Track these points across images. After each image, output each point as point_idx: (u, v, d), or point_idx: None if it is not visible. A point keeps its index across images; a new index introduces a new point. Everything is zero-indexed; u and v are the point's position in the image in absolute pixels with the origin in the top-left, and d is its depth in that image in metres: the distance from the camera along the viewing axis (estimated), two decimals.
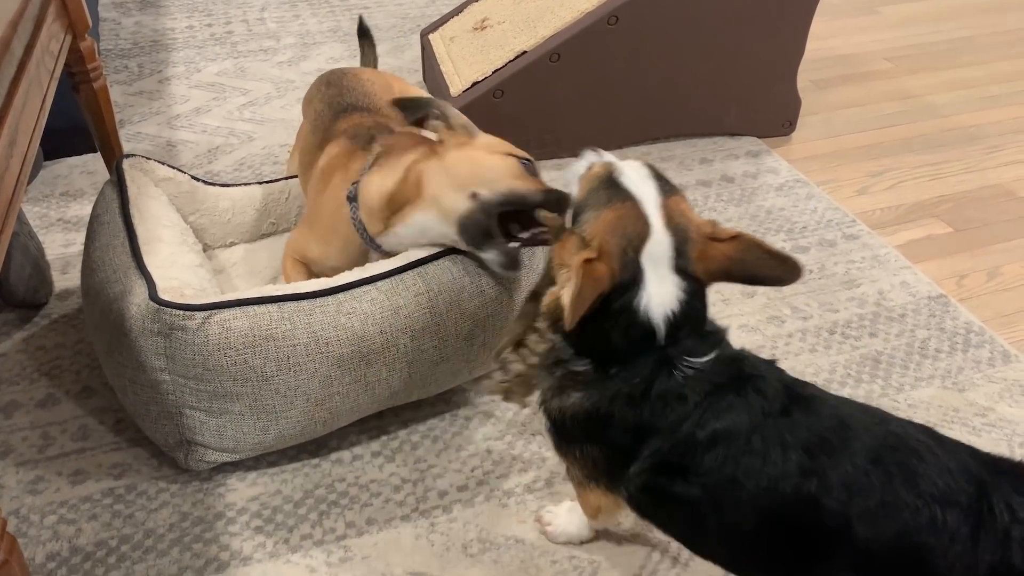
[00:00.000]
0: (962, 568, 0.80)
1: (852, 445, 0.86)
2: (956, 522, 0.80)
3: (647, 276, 0.90)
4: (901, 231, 1.91)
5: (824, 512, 0.85)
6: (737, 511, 0.89)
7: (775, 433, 0.88)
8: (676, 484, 0.92)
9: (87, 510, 1.26)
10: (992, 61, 2.63)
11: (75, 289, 1.65)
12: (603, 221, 0.92)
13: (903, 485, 0.83)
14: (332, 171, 1.45)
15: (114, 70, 2.43)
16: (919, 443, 0.86)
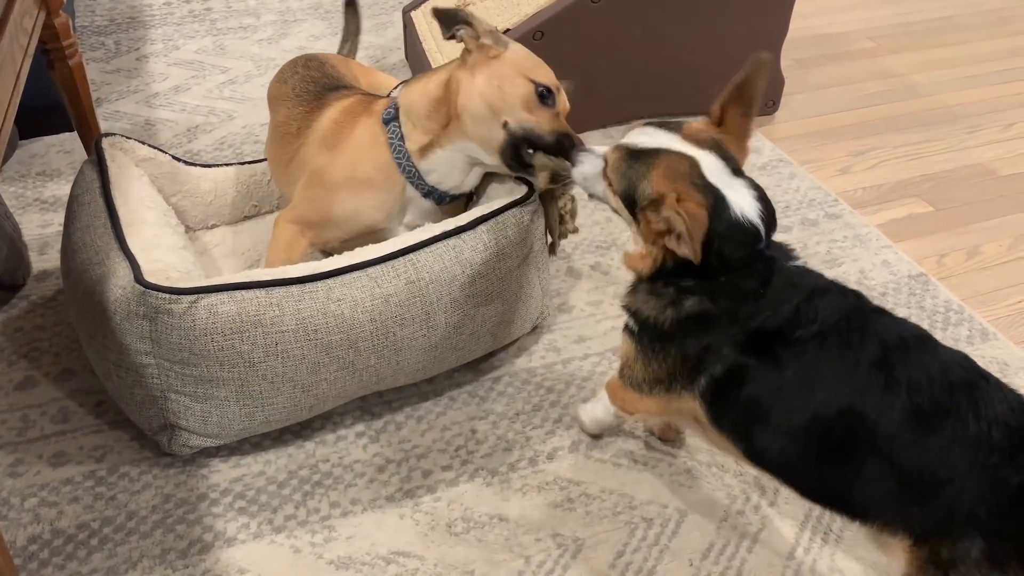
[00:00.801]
0: (996, 480, 0.85)
1: (927, 353, 0.93)
2: (1001, 439, 0.85)
3: (722, 190, 0.98)
4: (883, 210, 1.92)
5: (879, 407, 0.90)
6: (810, 392, 0.94)
7: (862, 323, 0.96)
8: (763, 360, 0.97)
9: (68, 492, 1.26)
10: (974, 41, 2.64)
11: (54, 270, 1.63)
12: (657, 178, 1.00)
13: (963, 397, 0.88)
14: (353, 116, 1.42)
15: (90, 47, 2.39)
16: (988, 373, 0.92)
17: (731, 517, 1.25)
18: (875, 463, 0.90)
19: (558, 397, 1.43)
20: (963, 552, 0.86)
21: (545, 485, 1.29)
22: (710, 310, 1.01)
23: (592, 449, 1.34)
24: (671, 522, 1.24)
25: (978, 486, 0.85)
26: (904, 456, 0.89)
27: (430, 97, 1.35)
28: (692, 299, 1.02)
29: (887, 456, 0.89)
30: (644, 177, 1.01)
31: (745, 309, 1.00)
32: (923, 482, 0.88)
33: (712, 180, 0.98)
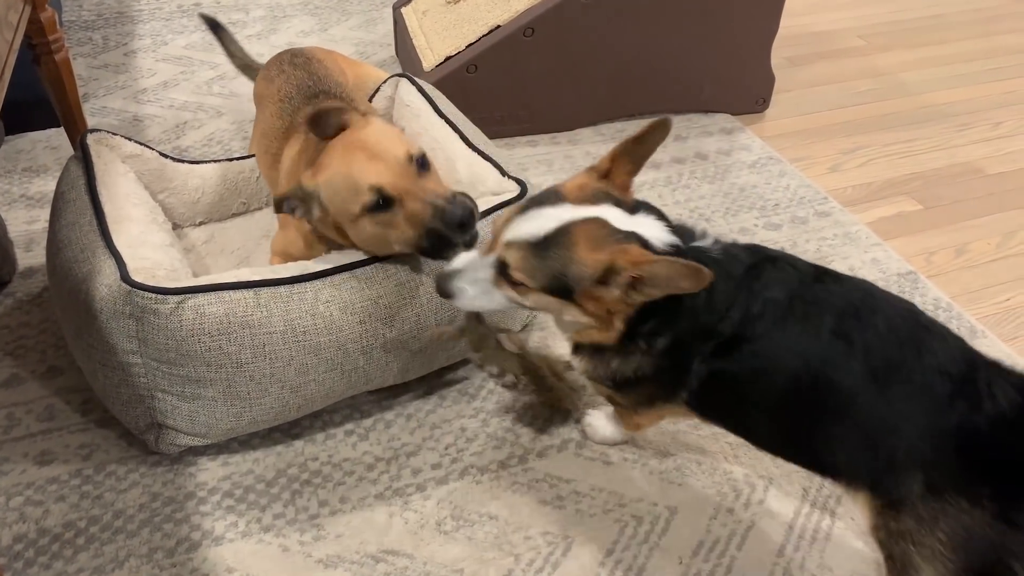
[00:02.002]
0: (935, 420, 0.92)
1: (877, 313, 0.98)
2: (941, 387, 0.93)
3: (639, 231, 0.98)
4: (872, 208, 1.92)
5: (842, 371, 0.96)
6: (781, 372, 0.99)
7: (812, 297, 0.99)
8: (733, 360, 1.01)
9: (54, 491, 1.25)
10: (963, 39, 2.65)
11: (40, 267, 1.62)
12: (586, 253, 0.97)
13: (910, 352, 0.95)
14: (296, 166, 1.38)
15: (77, 42, 2.37)
16: (932, 323, 0.99)
17: (721, 514, 1.25)
18: (839, 423, 0.97)
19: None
20: (907, 490, 0.94)
21: (535, 483, 1.28)
22: (676, 338, 1.03)
23: (582, 447, 1.34)
24: (661, 519, 1.24)
25: (920, 431, 0.93)
26: (863, 414, 0.96)
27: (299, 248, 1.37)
28: (661, 338, 1.03)
29: (849, 415, 0.96)
30: (570, 261, 0.97)
31: (704, 321, 1.01)
32: (876, 434, 0.95)
33: (625, 227, 0.98)
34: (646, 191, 1.91)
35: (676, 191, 1.93)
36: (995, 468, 0.91)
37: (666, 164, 2.01)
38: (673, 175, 1.98)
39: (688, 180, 1.97)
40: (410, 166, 1.19)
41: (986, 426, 0.91)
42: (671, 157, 2.04)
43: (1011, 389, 0.92)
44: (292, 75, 1.54)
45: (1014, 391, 0.92)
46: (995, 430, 0.91)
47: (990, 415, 0.91)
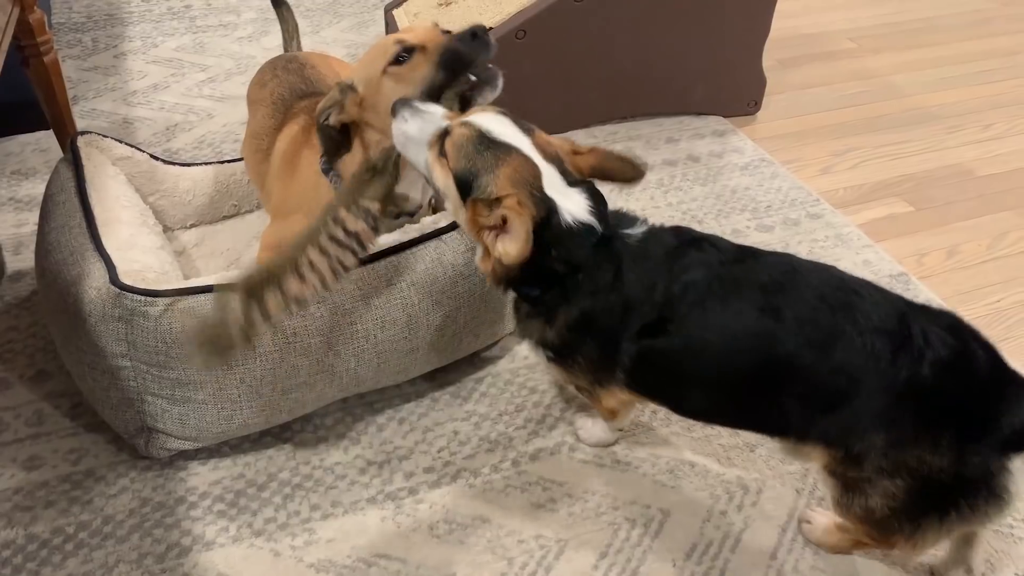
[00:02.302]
0: (887, 382, 0.97)
1: (801, 286, 1.03)
2: (883, 346, 0.98)
3: (557, 200, 1.04)
4: (864, 210, 1.93)
5: (776, 343, 1.00)
6: (708, 351, 1.04)
7: (733, 277, 1.04)
8: (659, 342, 1.06)
9: (43, 497, 1.24)
10: (952, 42, 2.66)
11: (28, 271, 1.61)
12: (503, 177, 1.03)
13: (844, 318, 0.99)
14: (297, 150, 1.41)
15: (67, 44, 2.36)
16: (857, 283, 1.04)
17: (714, 517, 1.25)
18: (785, 393, 1.02)
19: (541, 398, 1.42)
20: (869, 444, 0.99)
21: (528, 486, 1.28)
22: (583, 313, 1.08)
23: (575, 450, 1.34)
24: (654, 522, 1.24)
25: (873, 390, 0.98)
26: (809, 382, 1.01)
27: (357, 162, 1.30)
28: (562, 309, 1.09)
29: (794, 385, 1.01)
30: (490, 170, 1.04)
31: (615, 300, 1.06)
32: (829, 398, 1.00)
33: (549, 192, 1.04)
34: (638, 193, 1.91)
35: (668, 193, 1.93)
36: (949, 413, 0.97)
37: (658, 166, 2.01)
38: (665, 177, 1.98)
39: (680, 182, 1.97)
40: (435, 28, 1.26)
41: (931, 375, 0.96)
42: (663, 159, 2.04)
43: (943, 332, 0.99)
44: (285, 79, 1.55)
45: (945, 333, 0.99)
46: (939, 376, 0.97)
47: (932, 363, 0.97)
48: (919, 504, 1.00)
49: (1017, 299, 1.69)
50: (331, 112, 1.27)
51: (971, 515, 0.98)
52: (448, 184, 1.07)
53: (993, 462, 0.96)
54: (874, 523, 1.05)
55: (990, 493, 0.97)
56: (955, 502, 0.98)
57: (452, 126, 1.07)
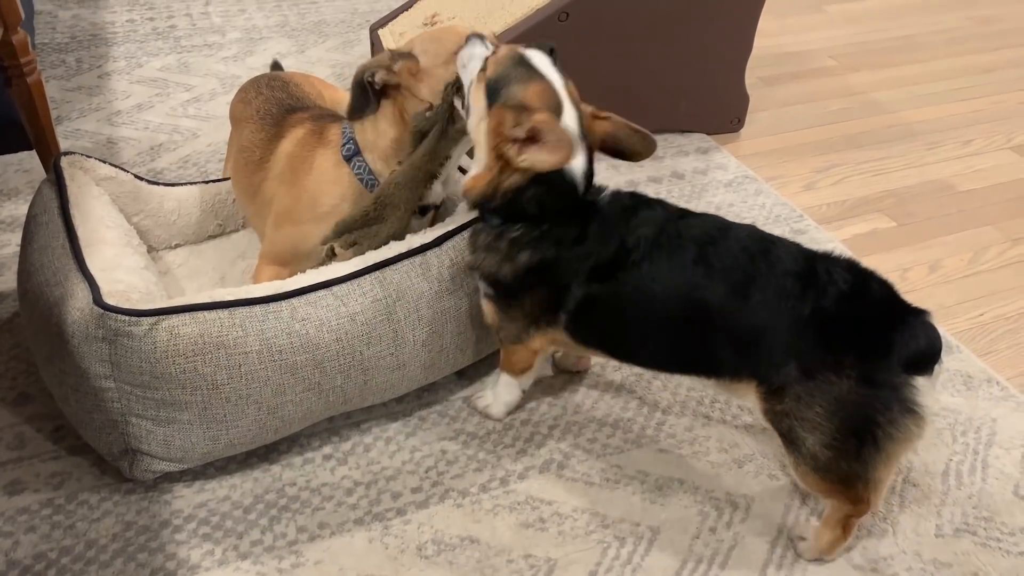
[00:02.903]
0: (795, 315, 1.08)
1: (729, 239, 1.15)
2: (791, 285, 1.09)
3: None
4: (847, 225, 1.95)
5: (709, 291, 1.12)
6: (649, 299, 1.15)
7: (676, 231, 1.15)
8: (605, 289, 1.16)
9: (24, 522, 1.22)
10: (931, 59, 2.70)
11: (10, 292, 1.59)
12: (532, 91, 1.13)
13: (762, 262, 1.11)
14: (309, 150, 1.41)
15: (50, 64, 2.35)
16: (775, 237, 1.16)
17: (703, 534, 1.25)
18: (716, 334, 1.13)
19: (529, 416, 1.42)
20: (786, 375, 1.09)
21: (517, 505, 1.27)
22: (543, 259, 1.17)
23: (564, 468, 1.33)
24: (644, 540, 1.23)
25: (785, 326, 1.09)
26: (734, 322, 1.12)
27: (389, 137, 1.35)
28: (524, 252, 1.17)
29: (723, 326, 1.12)
30: (522, 82, 1.13)
31: (576, 252, 1.16)
32: (750, 336, 1.11)
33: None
34: None
35: None
36: (849, 338, 1.07)
37: (643, 183, 2.02)
38: (650, 193, 1.98)
39: (665, 199, 1.98)
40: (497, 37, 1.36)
41: (833, 306, 1.08)
42: (647, 176, 2.05)
43: (843, 271, 1.10)
44: (271, 95, 1.56)
45: (846, 272, 1.10)
46: (840, 307, 1.08)
47: (834, 296, 1.08)
48: (847, 432, 1.07)
49: (999, 313, 1.71)
50: (378, 71, 1.31)
51: (896, 432, 1.06)
52: (479, 94, 1.16)
53: (896, 377, 1.05)
54: (827, 471, 1.10)
55: (903, 407, 1.05)
56: (876, 420, 1.05)
57: (498, 46, 1.19)
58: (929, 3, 3.09)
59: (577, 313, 1.20)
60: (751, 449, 1.38)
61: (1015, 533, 1.27)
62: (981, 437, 1.42)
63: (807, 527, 1.23)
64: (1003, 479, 1.35)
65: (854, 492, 1.12)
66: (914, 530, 1.27)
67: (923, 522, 1.28)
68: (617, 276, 1.15)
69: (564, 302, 1.19)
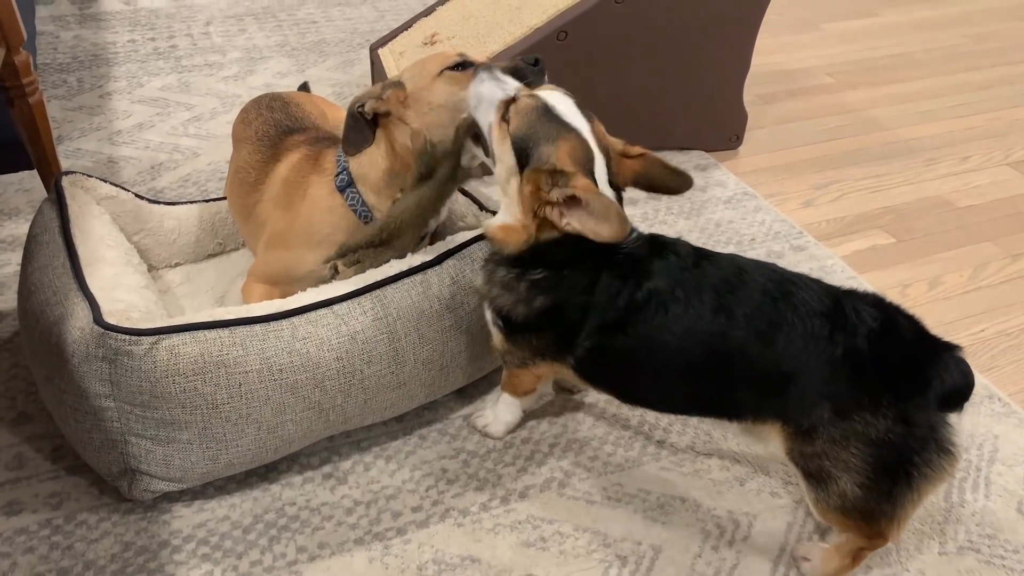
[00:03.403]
0: (826, 357, 1.05)
1: (748, 283, 1.11)
2: (819, 327, 1.06)
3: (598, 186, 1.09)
4: (846, 242, 1.95)
5: (729, 338, 1.08)
6: (667, 351, 1.11)
7: (692, 283, 1.11)
8: (617, 340, 1.13)
9: (23, 543, 1.21)
10: (927, 77, 2.72)
11: (10, 311, 1.59)
12: (564, 152, 1.09)
13: (785, 306, 1.08)
14: (303, 176, 1.42)
15: (52, 85, 2.36)
16: (794, 275, 1.13)
17: (706, 552, 1.24)
18: (740, 381, 1.10)
19: (529, 434, 1.41)
20: (818, 417, 1.06)
21: (518, 524, 1.27)
22: (556, 305, 1.14)
23: (565, 487, 1.33)
24: (645, 559, 1.23)
25: (815, 367, 1.06)
26: (759, 368, 1.08)
27: (381, 168, 1.36)
28: (540, 297, 1.15)
29: (746, 373, 1.09)
30: (551, 141, 1.09)
31: (586, 301, 1.13)
32: (778, 380, 1.08)
33: (596, 177, 1.10)
34: None
35: (653, 227, 1.94)
36: (885, 377, 1.04)
37: (642, 200, 2.03)
38: (649, 211, 1.99)
39: (664, 216, 1.99)
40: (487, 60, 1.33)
41: (865, 345, 1.05)
42: (647, 194, 2.05)
43: (871, 308, 1.08)
44: (270, 117, 1.57)
45: (873, 309, 1.08)
46: (873, 346, 1.05)
47: (865, 335, 1.05)
48: (882, 472, 1.04)
49: (1000, 328, 1.71)
50: (368, 101, 1.32)
51: (931, 472, 1.04)
52: (506, 152, 1.12)
53: (932, 416, 1.03)
54: (855, 510, 1.08)
55: (939, 446, 1.03)
56: (912, 460, 1.03)
57: (519, 95, 1.14)
58: (925, 21, 3.12)
59: (586, 359, 1.17)
60: (753, 467, 1.37)
61: (1019, 550, 1.26)
62: (983, 454, 1.41)
63: (811, 548, 1.22)
64: (1006, 496, 1.34)
65: (875, 528, 1.09)
66: (917, 548, 1.26)
67: (926, 540, 1.27)
68: (627, 330, 1.12)
69: (573, 347, 1.17)
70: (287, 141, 1.49)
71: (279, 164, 1.46)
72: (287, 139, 1.50)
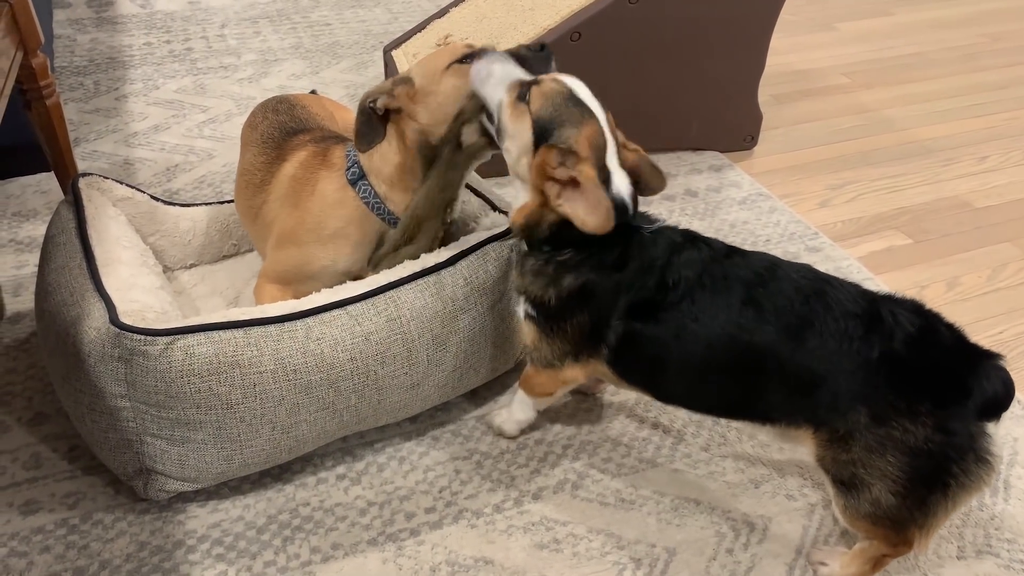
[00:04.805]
0: (861, 359, 1.03)
1: (780, 279, 1.10)
2: (854, 327, 1.04)
3: (612, 173, 1.14)
4: (862, 243, 1.93)
5: (757, 332, 1.07)
6: (694, 340, 1.11)
7: (720, 272, 1.12)
8: (647, 328, 1.13)
9: (39, 542, 1.22)
10: (943, 76, 2.70)
11: (28, 312, 1.60)
12: (584, 137, 1.12)
13: (818, 304, 1.06)
14: (311, 172, 1.42)
15: (69, 87, 2.38)
16: (829, 277, 1.11)
17: (720, 556, 1.23)
18: (768, 379, 1.08)
19: (543, 435, 1.41)
20: (854, 422, 1.04)
21: (531, 526, 1.26)
22: (586, 284, 1.15)
23: (578, 488, 1.32)
24: (660, 562, 1.22)
25: (850, 369, 1.04)
26: (789, 367, 1.07)
27: (393, 163, 1.36)
28: (568, 276, 1.16)
29: (776, 371, 1.07)
30: (576, 124, 1.12)
31: (615, 280, 1.14)
32: (809, 381, 1.06)
33: (610, 164, 1.14)
34: None
35: None
36: (924, 383, 1.02)
37: (656, 201, 2.02)
38: (664, 212, 1.99)
39: (679, 217, 1.98)
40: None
41: (903, 350, 1.03)
42: (661, 194, 2.04)
43: (908, 313, 1.06)
44: (274, 120, 1.57)
45: (911, 313, 1.06)
46: (911, 351, 1.03)
47: (903, 340, 1.03)
48: (919, 481, 1.03)
49: (1019, 330, 1.69)
50: (380, 97, 1.32)
51: (968, 482, 1.02)
52: (523, 127, 1.14)
53: (971, 425, 1.01)
54: (886, 518, 1.06)
55: (977, 456, 1.01)
56: (949, 470, 1.01)
57: (542, 79, 1.17)
58: (940, 20, 3.09)
59: (619, 348, 1.17)
60: (768, 469, 1.36)
61: None
62: (1003, 458, 1.39)
63: (829, 552, 1.21)
64: None
65: (904, 536, 1.08)
66: (935, 552, 1.25)
67: (944, 544, 1.26)
68: (657, 315, 1.12)
69: (605, 334, 1.17)
70: (292, 141, 1.49)
71: (285, 163, 1.46)
72: (292, 139, 1.50)
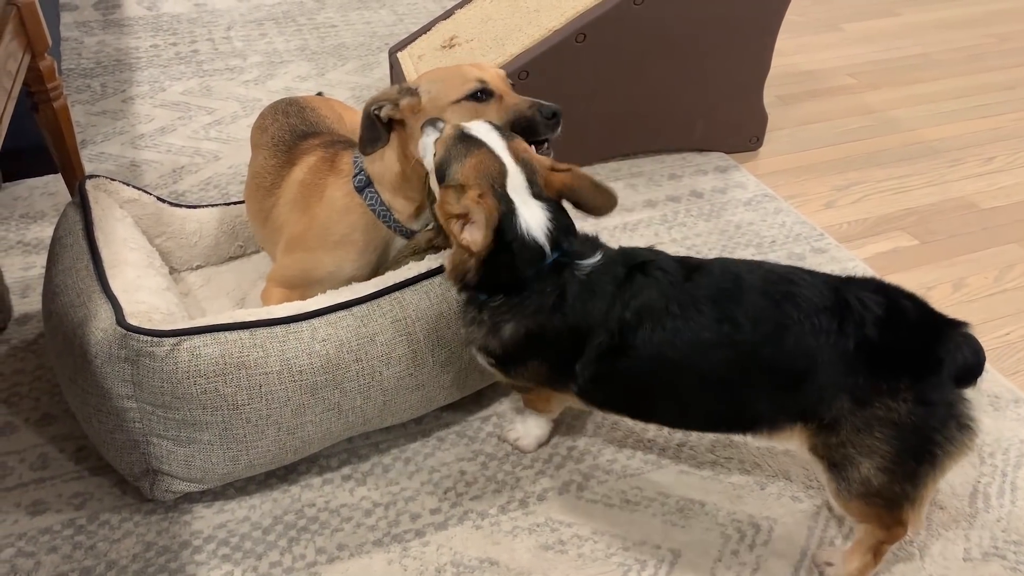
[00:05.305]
0: (838, 352, 1.05)
1: (746, 289, 1.10)
2: (827, 321, 1.06)
3: (516, 204, 1.11)
4: (868, 244, 1.93)
5: (738, 346, 1.08)
6: (674, 367, 1.10)
7: (686, 296, 1.10)
8: (619, 364, 1.12)
9: (46, 542, 1.22)
10: (949, 77, 2.69)
11: (35, 313, 1.61)
12: (468, 167, 1.12)
13: (789, 306, 1.08)
14: (320, 178, 1.42)
15: (76, 90, 2.39)
16: (790, 272, 1.12)
17: (725, 557, 1.23)
18: (755, 389, 1.10)
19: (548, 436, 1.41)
20: (839, 409, 1.06)
21: (536, 527, 1.26)
22: (529, 332, 1.13)
23: (583, 489, 1.32)
24: (665, 563, 1.22)
25: (829, 361, 1.06)
26: (770, 372, 1.09)
27: (395, 171, 1.36)
28: (508, 325, 1.14)
29: (761, 378, 1.09)
30: (459, 160, 1.13)
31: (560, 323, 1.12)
32: (794, 380, 1.08)
33: (511, 193, 1.11)
34: (642, 229, 1.92)
35: (672, 229, 1.93)
36: (900, 362, 1.05)
37: (661, 202, 2.02)
38: (669, 213, 1.99)
39: (684, 218, 1.98)
40: (506, 80, 1.35)
41: (876, 334, 1.05)
42: (666, 195, 2.05)
43: (874, 295, 1.08)
44: (284, 122, 1.57)
45: (876, 295, 1.08)
46: (883, 334, 1.05)
47: (873, 323, 1.06)
48: (907, 454, 1.05)
49: None
50: (385, 105, 1.32)
51: (953, 449, 1.05)
52: (432, 180, 1.17)
53: (949, 394, 1.05)
54: (877, 496, 1.07)
55: (959, 423, 1.05)
56: (934, 439, 1.04)
57: (447, 126, 1.19)
58: (947, 21, 3.08)
59: (591, 386, 1.16)
60: (773, 471, 1.36)
61: None
62: (1009, 459, 1.39)
63: (834, 552, 1.21)
64: None
65: (897, 514, 1.09)
66: (942, 554, 1.24)
67: (951, 546, 1.25)
68: (627, 353, 1.11)
69: (571, 374, 1.16)
70: (302, 145, 1.50)
71: (295, 168, 1.47)
72: (302, 143, 1.51)
